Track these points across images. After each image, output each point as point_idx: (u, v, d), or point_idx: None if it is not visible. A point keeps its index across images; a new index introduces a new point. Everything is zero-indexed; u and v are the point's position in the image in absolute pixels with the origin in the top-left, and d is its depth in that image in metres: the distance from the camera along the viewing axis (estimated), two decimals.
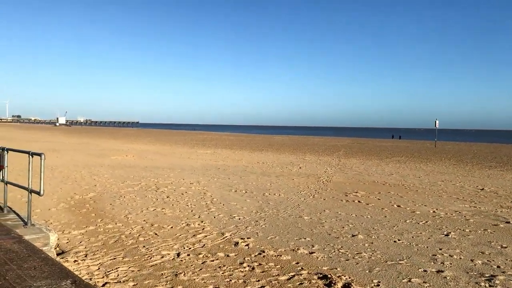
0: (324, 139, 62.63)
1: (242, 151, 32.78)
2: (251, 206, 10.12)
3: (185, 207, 9.80)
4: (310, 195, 12.06)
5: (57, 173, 15.44)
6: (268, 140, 56.57)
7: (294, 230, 7.91)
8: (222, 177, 16.00)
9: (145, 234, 7.34)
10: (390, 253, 6.58)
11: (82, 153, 26.52)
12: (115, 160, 22.22)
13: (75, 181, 13.48)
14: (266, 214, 9.27)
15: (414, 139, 73.27)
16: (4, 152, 7.42)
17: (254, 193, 12.24)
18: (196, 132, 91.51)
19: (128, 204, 9.93)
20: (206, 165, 20.53)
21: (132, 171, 16.86)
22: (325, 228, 8.12)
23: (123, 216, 8.73)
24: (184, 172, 17.23)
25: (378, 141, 61.26)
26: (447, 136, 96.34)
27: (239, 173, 17.62)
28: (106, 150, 30.10)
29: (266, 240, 7.17)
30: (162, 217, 8.72)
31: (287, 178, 16.29)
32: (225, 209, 9.65)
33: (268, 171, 18.78)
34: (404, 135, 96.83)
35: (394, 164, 24.17)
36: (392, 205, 10.78)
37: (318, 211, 9.79)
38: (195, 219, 8.62)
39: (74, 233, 7.37)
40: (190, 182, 14.11)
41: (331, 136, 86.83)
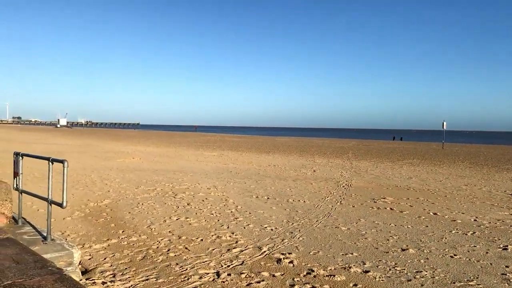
0: (328, 141, 61.89)
1: (249, 153, 32.05)
2: (279, 215, 9.38)
3: (210, 216, 9.05)
4: (336, 202, 11.33)
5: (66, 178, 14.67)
6: (272, 141, 55.84)
7: (335, 243, 7.18)
8: (238, 181, 15.26)
9: (175, 249, 6.60)
10: (453, 271, 5.85)
11: (87, 155, 25.78)
12: (123, 163, 21.48)
13: (86, 186, 12.73)
14: (298, 224, 8.53)
15: (416, 141, 72.60)
16: (19, 157, 6.69)
17: (277, 199, 11.51)
18: (197, 134, 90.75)
19: (148, 213, 9.19)
20: (217, 168, 19.79)
21: (143, 175, 16.11)
22: (368, 240, 7.39)
23: (145, 226, 7.98)
24: (196, 176, 16.49)
25: (382, 142, 60.54)
26: (449, 138, 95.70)
27: (253, 176, 16.89)
28: (111, 152, 29.36)
29: (310, 256, 6.43)
30: (188, 228, 7.98)
31: (305, 182, 15.56)
32: (253, 218, 8.91)
33: (282, 174, 18.05)
34: (404, 136, 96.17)
35: (408, 167, 23.45)
36: (428, 213, 10.05)
37: (353, 220, 9.06)
38: (224, 230, 7.88)
39: (96, 248, 6.62)
40: (207, 187, 13.37)
41: (333, 137, 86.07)
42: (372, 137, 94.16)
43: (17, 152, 6.80)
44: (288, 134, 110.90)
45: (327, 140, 64.60)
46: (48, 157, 5.77)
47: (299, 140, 62.69)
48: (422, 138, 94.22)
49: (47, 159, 5.84)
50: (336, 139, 71.06)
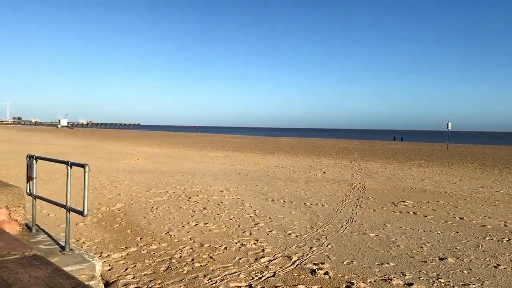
0: (331, 142, 61.45)
1: (254, 154, 31.62)
2: (301, 220, 8.94)
3: (229, 221, 8.61)
4: (356, 205, 10.90)
5: (73, 180, 14.21)
6: (275, 142, 55.41)
7: (368, 251, 6.74)
8: (249, 183, 14.83)
9: (199, 258, 6.16)
10: (503, 284, 5.42)
11: (91, 156, 25.33)
12: (128, 164, 21.03)
13: (96, 189, 12.29)
14: (323, 230, 8.09)
15: (417, 141, 72.18)
16: (33, 160, 6.25)
17: (293, 203, 11.07)
18: (199, 134, 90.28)
19: (164, 218, 8.74)
20: (225, 170, 19.35)
21: (151, 177, 15.66)
22: (401, 248, 6.95)
23: (164, 233, 7.54)
24: (206, 177, 16.05)
25: (385, 143, 60.13)
26: (451, 138, 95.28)
27: (263, 178, 16.45)
28: (115, 153, 28.91)
29: (344, 266, 5.99)
30: (209, 234, 7.53)
31: (317, 184, 15.13)
32: (274, 224, 8.47)
33: (292, 176, 17.61)
34: (404, 137, 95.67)
35: (417, 168, 23.02)
36: (454, 217, 9.61)
37: (379, 225, 8.63)
38: (247, 237, 7.44)
39: (115, 257, 6.18)
40: (219, 189, 12.93)
41: (334, 138, 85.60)
42: (372, 137, 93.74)
43: (31, 155, 6.36)
44: (288, 135, 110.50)
45: (330, 141, 64.17)
46: (67, 161, 5.32)
47: (301, 141, 62.26)
48: (422, 138, 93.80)
49: (65, 163, 5.40)
50: (338, 140, 70.65)
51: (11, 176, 14.85)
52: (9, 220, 6.18)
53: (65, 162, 5.42)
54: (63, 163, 5.45)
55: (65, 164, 5.41)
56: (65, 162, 5.42)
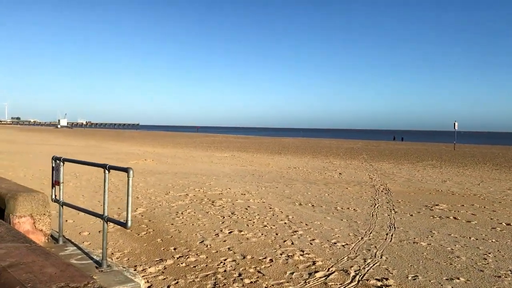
0: (334, 142, 60.79)
1: (261, 154, 30.94)
2: (340, 227, 8.25)
3: (265, 228, 7.92)
4: (389, 210, 10.22)
5: (85, 182, 13.53)
6: (278, 142, 54.73)
7: (428, 264, 6.06)
8: (267, 185, 14.15)
9: (246, 273, 5.47)
10: None
11: (97, 157, 24.60)
12: (137, 165, 20.32)
13: (111, 192, 11.58)
14: (369, 238, 7.41)
15: (417, 141, 71.60)
16: (60, 163, 5.56)
17: (323, 207, 10.39)
18: (200, 134, 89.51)
19: (193, 224, 8.05)
20: (237, 171, 18.67)
21: (165, 178, 14.96)
22: (463, 260, 6.27)
23: (198, 242, 6.84)
24: (221, 179, 15.35)
25: (389, 143, 59.54)
26: (451, 139, 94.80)
27: (280, 180, 15.78)
28: (121, 154, 28.20)
29: (410, 282, 5.32)
30: (247, 244, 6.84)
31: (339, 186, 14.46)
32: (314, 232, 7.78)
33: (309, 178, 16.94)
34: (404, 137, 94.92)
35: (431, 168, 22.38)
36: (500, 223, 8.95)
37: (425, 233, 7.95)
38: (290, 246, 6.75)
39: (152, 271, 5.49)
40: (240, 192, 12.24)
41: (336, 138, 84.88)
42: (372, 137, 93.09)
43: (57, 157, 5.66)
44: (289, 135, 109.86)
45: (333, 141, 63.51)
46: (104, 164, 4.62)
47: (304, 141, 61.61)
48: (423, 138, 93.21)
49: (102, 166, 4.69)
50: (341, 140, 69.97)
51: (20, 177, 14.12)
52: (34, 230, 5.48)
53: (102, 166, 4.72)
54: (100, 166, 4.74)
55: (102, 167, 4.71)
56: (102, 166, 4.72)
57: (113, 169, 4.60)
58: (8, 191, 5.67)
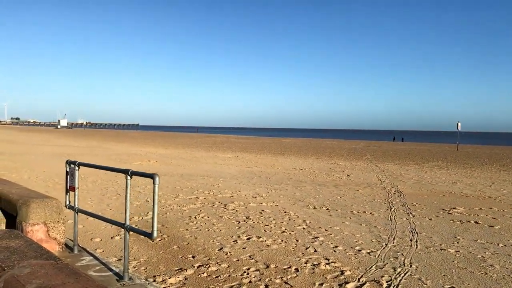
0: (336, 142, 60.47)
1: (264, 155, 30.61)
2: (361, 232, 7.92)
3: (283, 234, 7.58)
4: (407, 213, 9.90)
5: (91, 184, 13.18)
6: (280, 143, 54.41)
7: (462, 273, 5.73)
8: (277, 187, 13.83)
9: (274, 284, 5.14)
10: None
11: (101, 158, 24.26)
12: (141, 166, 19.99)
13: (119, 195, 11.25)
14: (394, 245, 7.08)
15: (417, 142, 71.32)
16: (75, 167, 5.23)
17: (338, 210, 10.07)
18: (200, 135, 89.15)
19: (209, 230, 7.71)
20: (243, 172, 18.35)
21: (172, 180, 14.62)
22: (498, 269, 5.95)
23: (217, 249, 6.51)
24: (229, 181, 15.03)
25: (391, 144, 59.26)
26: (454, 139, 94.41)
27: (288, 182, 15.46)
28: (123, 154, 27.85)
29: None
30: (268, 251, 6.51)
31: (349, 188, 14.14)
32: (335, 238, 7.45)
33: (317, 179, 16.63)
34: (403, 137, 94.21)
35: (438, 170, 22.07)
36: None
37: (449, 238, 7.63)
38: (313, 254, 6.42)
39: (172, 282, 5.16)
40: (251, 195, 11.91)
41: (335, 138, 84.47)
42: (371, 138, 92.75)
43: (71, 161, 5.33)
44: (288, 135, 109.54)
45: (334, 142, 63.19)
46: (126, 169, 4.29)
47: (306, 142, 61.31)
48: (422, 139, 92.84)
49: (124, 172, 4.37)
50: (342, 140, 69.65)
51: (24, 180, 13.78)
52: (47, 238, 5.15)
53: (124, 171, 4.40)
54: (121, 172, 4.42)
55: (124, 173, 4.39)
56: (124, 171, 4.40)
57: (136, 175, 4.29)
58: (19, 196, 5.34)
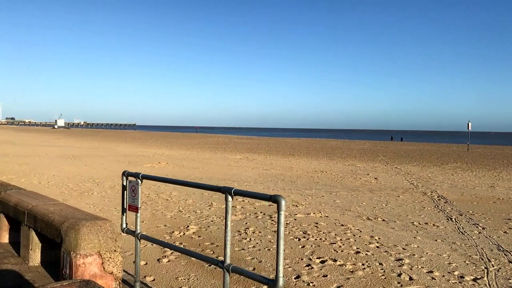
0: (340, 142, 59.35)
1: (275, 156, 29.46)
2: (445, 251, 6.75)
3: (359, 255, 6.38)
4: (472, 224, 8.76)
5: (109, 190, 11.97)
6: (284, 143, 53.27)
7: None
8: (309, 193, 12.68)
9: None
10: None
11: (109, 160, 22.97)
12: (153, 169, 18.77)
13: (146, 203, 10.04)
14: (496, 269, 5.92)
15: (417, 142, 70.40)
16: (138, 181, 4.04)
17: (397, 222, 8.91)
18: (201, 135, 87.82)
19: (269, 249, 6.51)
20: (264, 176, 17.19)
21: None
22: None
23: (293, 277, 5.31)
24: (254, 186, 13.87)
25: (394, 144, 58.24)
26: (457, 139, 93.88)
27: (317, 186, 14.33)
28: (131, 156, 26.60)
29: None
30: (356, 280, 5.31)
31: (387, 194, 13.02)
32: (421, 260, 6.24)
33: (345, 183, 15.50)
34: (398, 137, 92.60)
35: (463, 172, 21.01)
36: None
37: None
38: (411, 284, 5.25)
39: None
40: (291, 203, 10.73)
41: (335, 138, 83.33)
42: (369, 137, 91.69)
43: (130, 173, 4.15)
44: (286, 135, 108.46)
45: (338, 142, 62.09)
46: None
47: (310, 142, 60.21)
48: (420, 139, 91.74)
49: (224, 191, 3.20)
50: (345, 140, 68.51)
51: (34, 185, 12.54)
52: (102, 273, 3.93)
53: (223, 190, 3.22)
54: (218, 190, 3.25)
55: (223, 192, 3.22)
56: (223, 190, 3.22)
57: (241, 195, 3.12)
58: (63, 217, 4.14)
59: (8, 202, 5.08)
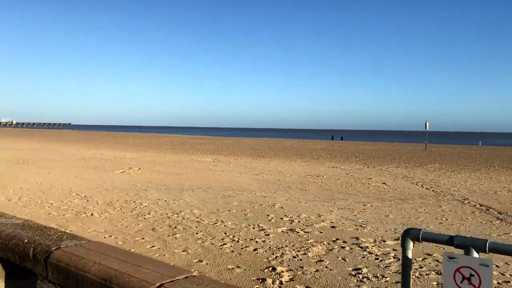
0: (294, 142, 58.04)
1: (245, 158, 27.38)
2: None
3: None
4: None
5: (110, 209, 9.20)
6: (242, 143, 51.12)
7: None
8: (342, 204, 10.72)
9: None
10: None
11: (70, 165, 19.55)
12: (130, 176, 15.94)
13: (177, 228, 7.49)
14: None
15: (358, 141, 71.18)
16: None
17: None
18: (148, 135, 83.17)
19: None
20: (262, 182, 15.07)
21: (206, 197, 10.96)
22: None
23: None
24: (272, 195, 11.67)
25: (351, 144, 58.13)
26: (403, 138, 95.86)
27: (337, 195, 12.47)
28: (90, 160, 23.21)
29: None
30: None
31: (424, 204, 11.40)
32: None
33: (360, 190, 13.83)
34: (337, 136, 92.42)
35: (450, 173, 20.22)
36: None
37: None
38: None
39: None
40: (316, 218, 8.64)
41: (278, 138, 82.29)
42: (307, 137, 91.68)
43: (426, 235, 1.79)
44: (232, 135, 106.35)
45: (294, 141, 60.83)
46: None
47: (264, 141, 58.55)
48: (360, 138, 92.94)
49: None
50: (295, 140, 67.43)
51: (2, 202, 9.47)
52: None
53: None
54: None
55: None
56: None
57: None
58: None
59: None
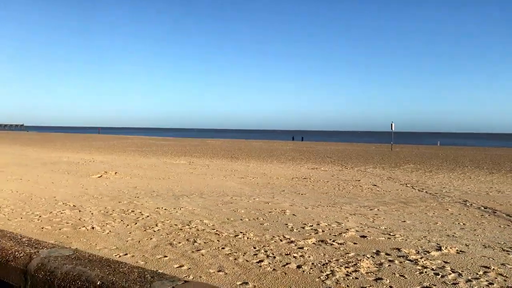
0: (262, 143, 57.47)
1: (219, 160, 26.51)
2: None
3: None
4: None
5: (110, 220, 8.12)
6: (209, 144, 49.95)
7: None
8: (349, 209, 10.17)
9: None
10: None
11: (40, 170, 17.93)
12: (109, 181, 14.74)
13: (196, 243, 6.59)
14: None
15: (316, 141, 71.77)
16: None
17: (496, 249, 6.77)
18: (108, 136, 79.86)
19: None
20: (253, 185, 14.35)
21: (206, 204, 10.05)
22: None
23: None
24: (273, 200, 10.95)
25: (311, 144, 58.25)
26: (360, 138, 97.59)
27: (338, 199, 11.94)
28: (59, 163, 21.53)
29: None
30: None
31: (429, 207, 11.08)
32: None
33: (357, 193, 13.40)
34: (298, 136, 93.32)
35: (427, 173, 20.31)
36: None
37: None
38: None
39: None
40: (337, 227, 8.04)
41: (239, 139, 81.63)
42: (268, 137, 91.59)
43: None
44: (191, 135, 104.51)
45: (261, 142, 60.18)
46: None
47: (229, 142, 57.59)
48: (317, 138, 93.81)
49: None
50: (258, 141, 66.97)
51: None
52: None
53: None
54: None
55: None
56: None
57: None
58: None
59: None
